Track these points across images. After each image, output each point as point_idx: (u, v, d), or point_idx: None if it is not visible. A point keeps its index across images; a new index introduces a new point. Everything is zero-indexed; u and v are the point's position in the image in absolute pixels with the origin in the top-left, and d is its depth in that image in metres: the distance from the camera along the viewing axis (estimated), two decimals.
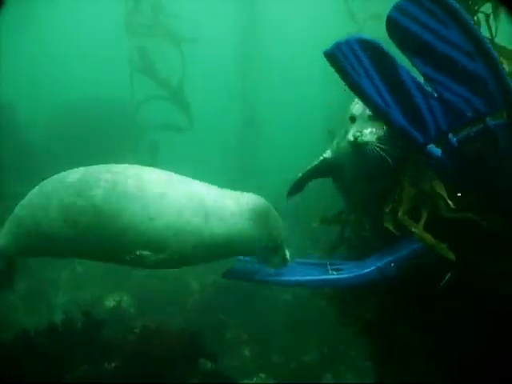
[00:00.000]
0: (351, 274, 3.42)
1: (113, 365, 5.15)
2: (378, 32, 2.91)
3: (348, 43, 2.56)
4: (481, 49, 2.41)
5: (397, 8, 2.44)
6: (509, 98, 2.46)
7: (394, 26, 2.49)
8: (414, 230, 3.18)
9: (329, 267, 3.71)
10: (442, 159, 2.90)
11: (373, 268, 3.38)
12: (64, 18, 17.52)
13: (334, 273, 3.56)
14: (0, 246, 3.51)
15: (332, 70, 2.70)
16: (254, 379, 7.20)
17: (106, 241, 3.18)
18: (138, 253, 3.14)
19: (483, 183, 2.92)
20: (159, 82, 12.03)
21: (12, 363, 4.48)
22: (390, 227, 3.24)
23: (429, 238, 3.17)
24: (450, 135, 2.84)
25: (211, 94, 17.27)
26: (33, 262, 8.84)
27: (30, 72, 16.47)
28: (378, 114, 2.74)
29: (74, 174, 3.34)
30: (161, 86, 12.07)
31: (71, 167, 3.47)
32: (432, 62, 2.52)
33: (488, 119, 2.67)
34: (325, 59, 2.65)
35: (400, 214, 3.30)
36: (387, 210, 3.37)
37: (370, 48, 2.55)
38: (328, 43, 2.63)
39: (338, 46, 2.58)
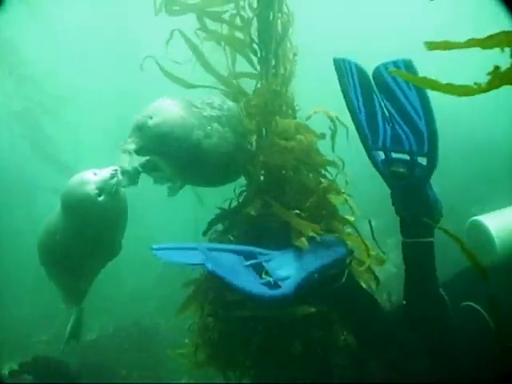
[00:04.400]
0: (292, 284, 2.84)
1: None
2: None
3: (349, 61, 3.58)
4: (428, 116, 3.39)
5: (383, 65, 3.44)
6: (432, 151, 3.45)
7: (377, 74, 3.50)
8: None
9: (264, 264, 2.96)
10: (379, 165, 3.79)
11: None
12: None
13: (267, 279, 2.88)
14: None
15: None
16: None
17: None
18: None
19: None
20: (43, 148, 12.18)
21: None
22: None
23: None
24: (389, 152, 3.76)
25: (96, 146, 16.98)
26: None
27: None
28: (352, 115, 3.71)
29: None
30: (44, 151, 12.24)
31: None
32: (393, 102, 3.54)
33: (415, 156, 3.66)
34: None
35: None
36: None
37: (361, 71, 3.56)
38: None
39: (343, 60, 3.60)
